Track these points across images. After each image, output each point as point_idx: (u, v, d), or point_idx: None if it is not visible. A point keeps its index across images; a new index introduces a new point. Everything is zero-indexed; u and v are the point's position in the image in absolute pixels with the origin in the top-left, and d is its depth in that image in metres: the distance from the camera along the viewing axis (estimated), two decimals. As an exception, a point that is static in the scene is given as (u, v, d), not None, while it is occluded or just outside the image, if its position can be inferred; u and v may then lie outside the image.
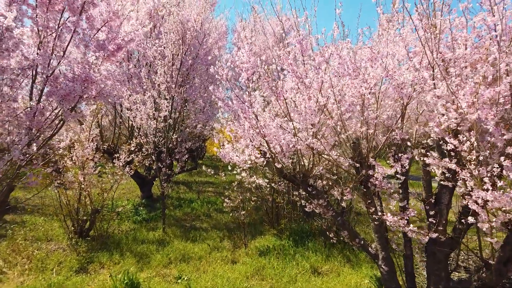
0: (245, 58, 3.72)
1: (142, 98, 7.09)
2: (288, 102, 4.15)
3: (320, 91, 3.92)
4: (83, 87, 3.22)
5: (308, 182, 4.43)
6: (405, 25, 3.74)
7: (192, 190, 13.05)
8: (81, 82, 3.17)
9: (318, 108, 3.78)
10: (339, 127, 3.72)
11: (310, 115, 3.68)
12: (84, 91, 3.24)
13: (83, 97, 3.29)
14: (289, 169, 4.40)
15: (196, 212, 9.79)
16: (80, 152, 6.85)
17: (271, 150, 4.25)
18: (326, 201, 4.10)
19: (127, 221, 8.83)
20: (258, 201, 7.25)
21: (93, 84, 3.28)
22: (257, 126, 3.89)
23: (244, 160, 4.44)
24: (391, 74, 3.35)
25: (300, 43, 4.17)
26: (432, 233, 3.32)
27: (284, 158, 4.12)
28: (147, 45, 8.14)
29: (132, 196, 11.79)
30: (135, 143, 7.60)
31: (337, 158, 3.96)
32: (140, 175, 11.05)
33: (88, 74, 3.21)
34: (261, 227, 8.20)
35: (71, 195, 7.27)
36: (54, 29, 3.75)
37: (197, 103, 10.52)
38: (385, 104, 3.85)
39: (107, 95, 3.62)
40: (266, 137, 4.03)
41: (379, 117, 3.64)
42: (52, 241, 7.41)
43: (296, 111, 3.81)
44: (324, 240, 6.81)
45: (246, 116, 3.90)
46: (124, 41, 4.07)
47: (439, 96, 3.04)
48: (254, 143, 4.22)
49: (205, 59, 10.16)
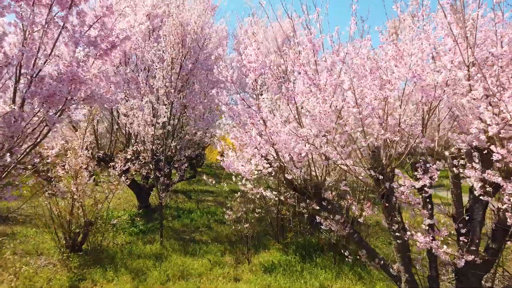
0: (253, 57, 3.34)
1: (139, 104, 6.69)
2: (299, 106, 3.76)
3: (333, 94, 3.53)
4: (70, 87, 2.82)
5: (321, 195, 4.01)
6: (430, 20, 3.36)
7: (191, 200, 12.59)
8: (67, 81, 2.78)
9: (334, 113, 3.39)
10: (359, 134, 3.32)
11: (325, 120, 3.29)
12: (72, 92, 2.84)
13: (71, 99, 2.88)
14: (299, 180, 3.99)
15: (196, 223, 9.33)
16: (73, 161, 6.42)
17: (281, 160, 3.84)
18: (344, 217, 3.68)
19: (123, 233, 8.37)
20: (262, 213, 6.82)
21: (82, 84, 2.88)
22: (266, 133, 3.49)
23: (251, 170, 4.03)
24: (419, 75, 2.96)
25: (312, 42, 3.80)
26: (468, 255, 2.90)
27: (295, 168, 3.72)
28: (145, 48, 7.78)
29: (129, 206, 11.33)
30: (132, 150, 7.18)
31: (355, 168, 3.56)
32: (138, 184, 10.61)
33: (75, 72, 2.81)
34: (264, 239, 7.75)
35: (63, 206, 6.82)
36: (41, 25, 3.38)
37: (197, 109, 10.14)
38: (408, 108, 3.46)
39: (99, 98, 3.22)
40: (275, 145, 3.63)
41: (403, 123, 3.24)
42: (43, 255, 6.95)
43: (310, 116, 3.41)
44: (333, 255, 6.37)
45: (253, 122, 3.51)
46: (119, 39, 3.68)
47: (477, 98, 2.65)
48: (262, 152, 3.81)
49: (205, 64, 9.80)
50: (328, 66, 3.70)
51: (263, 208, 6.86)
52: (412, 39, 3.27)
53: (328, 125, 3.29)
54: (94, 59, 3.61)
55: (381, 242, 7.89)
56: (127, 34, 3.71)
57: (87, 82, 2.92)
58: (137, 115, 6.59)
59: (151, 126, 6.82)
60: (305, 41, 3.83)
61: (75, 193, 6.51)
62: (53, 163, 6.70)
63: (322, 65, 3.97)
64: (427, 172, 3.06)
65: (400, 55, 3.07)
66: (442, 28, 3.27)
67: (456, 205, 3.58)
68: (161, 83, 6.71)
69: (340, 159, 3.40)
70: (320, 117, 3.34)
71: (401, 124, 3.30)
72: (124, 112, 6.91)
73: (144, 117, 6.83)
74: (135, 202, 11.32)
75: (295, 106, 3.59)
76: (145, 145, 7.12)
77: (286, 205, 6.90)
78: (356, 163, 3.62)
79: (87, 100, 3.13)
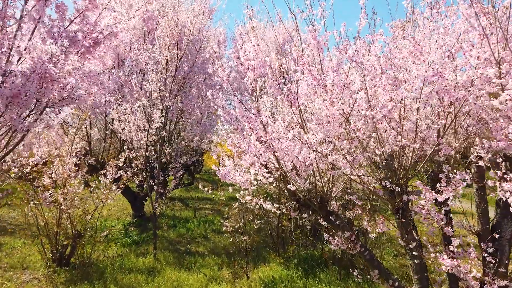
0: (251, 54, 2.96)
1: (132, 108, 6.31)
2: (302, 109, 3.38)
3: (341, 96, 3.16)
4: (40, 86, 2.44)
5: (327, 208, 3.62)
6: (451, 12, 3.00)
7: (189, 207, 12.18)
8: (37, 79, 2.39)
9: (342, 116, 3.01)
10: (372, 140, 2.94)
11: (333, 125, 2.91)
12: (42, 92, 2.46)
13: (42, 100, 2.50)
14: (303, 191, 3.60)
15: (192, 234, 8.91)
16: (60, 169, 6.03)
17: (282, 169, 3.46)
18: (354, 233, 3.28)
19: (115, 244, 7.94)
20: (261, 224, 6.40)
21: (54, 83, 2.50)
22: (266, 139, 3.11)
23: (249, 180, 3.64)
24: (441, 73, 2.59)
25: (316, 39, 3.43)
26: (500, 281, 2.50)
27: (298, 178, 3.33)
28: (139, 50, 7.43)
29: (123, 215, 10.91)
30: (124, 157, 6.78)
31: (367, 179, 3.17)
32: (132, 192, 10.21)
33: (47, 69, 2.43)
34: (264, 251, 7.33)
35: (50, 216, 6.40)
36: (15, 19, 3.01)
37: (194, 114, 9.77)
38: (426, 112, 3.09)
39: (77, 99, 2.83)
40: (277, 152, 3.24)
41: (419, 128, 2.86)
42: (28, 270, 6.51)
43: (315, 120, 3.04)
44: (338, 270, 5.94)
45: (252, 127, 3.13)
46: (103, 35, 3.31)
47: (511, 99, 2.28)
48: (262, 160, 3.43)
49: (203, 67, 9.46)
50: (335, 66, 3.33)
51: (262, 218, 6.45)
52: (430, 34, 2.91)
53: (337, 130, 2.91)
54: (79, 57, 3.25)
55: (387, 254, 7.48)
56: (112, 30, 3.35)
57: (60, 80, 2.54)
58: (128, 119, 6.20)
59: (144, 131, 6.43)
60: (309, 38, 3.46)
61: (62, 203, 6.10)
62: (39, 170, 6.32)
63: (327, 64, 3.61)
64: (450, 183, 2.68)
65: (419, 50, 2.71)
66: (465, 20, 2.91)
67: (481, 220, 3.19)
68: (155, 86, 6.33)
69: (350, 169, 3.02)
70: (327, 121, 2.97)
71: (418, 129, 2.92)
72: (116, 117, 6.52)
73: (137, 122, 6.44)
74: (130, 210, 10.90)
75: (298, 109, 3.22)
76: (138, 152, 6.72)
77: (287, 215, 6.50)
78: (368, 173, 3.23)
79: (64, 102, 2.75)
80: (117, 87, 7.73)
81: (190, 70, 9.02)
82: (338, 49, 3.19)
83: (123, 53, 7.76)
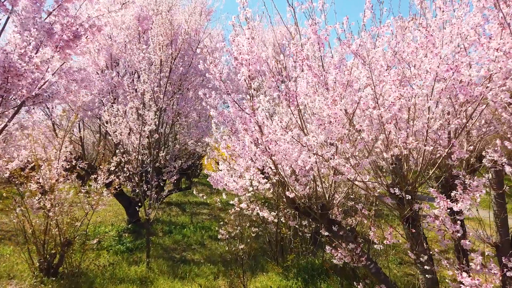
0: (245, 48, 2.68)
1: (123, 109, 6.03)
2: (302, 109, 3.11)
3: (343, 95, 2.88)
4: (4, 80, 2.16)
5: (329, 216, 3.33)
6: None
7: (186, 213, 11.87)
8: (0, 73, 2.11)
9: (346, 116, 2.73)
10: (380, 143, 2.66)
11: (336, 126, 2.63)
12: (6, 88, 2.17)
13: (6, 98, 2.22)
14: (303, 198, 3.31)
15: (188, 240, 8.60)
16: (48, 173, 5.74)
17: (280, 174, 3.17)
18: (359, 245, 2.98)
19: (108, 251, 7.63)
20: (259, 231, 6.09)
21: (21, 77, 2.22)
22: (262, 141, 2.82)
23: (244, 186, 3.35)
24: (456, 67, 2.31)
25: (316, 33, 3.16)
26: (526, 302, 2.21)
27: (297, 184, 3.04)
28: (132, 51, 7.17)
29: (118, 220, 10.61)
30: (116, 161, 6.49)
31: (371, 185, 2.88)
32: (127, 197, 9.91)
33: (11, 62, 2.15)
34: (262, 259, 7.01)
35: (38, 224, 6.10)
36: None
37: (191, 116, 9.50)
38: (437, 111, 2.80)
39: (51, 97, 2.55)
40: (274, 155, 2.96)
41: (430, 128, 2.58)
42: (15, 279, 6.21)
43: (316, 121, 2.75)
44: (340, 280, 5.62)
45: (246, 128, 2.84)
46: (83, 28, 3.04)
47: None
48: (258, 165, 3.14)
49: (199, 69, 9.20)
50: (336, 62, 3.06)
51: (260, 225, 6.14)
52: (443, 24, 2.63)
53: (340, 132, 2.62)
54: (55, 52, 2.97)
55: (391, 262, 7.16)
56: (93, 23, 3.07)
57: (27, 75, 2.26)
58: (119, 122, 5.91)
59: (137, 134, 6.15)
60: (309, 32, 3.19)
61: (50, 210, 5.80)
62: (27, 175, 6.03)
63: (329, 61, 3.34)
64: (466, 191, 2.39)
65: (432, 42, 2.43)
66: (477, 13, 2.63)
67: (500, 231, 2.90)
68: (147, 86, 6.05)
69: (354, 174, 2.73)
70: (329, 122, 2.68)
71: (429, 130, 2.64)
72: (107, 119, 6.24)
73: (129, 124, 6.16)
74: (125, 215, 10.60)
75: (297, 109, 2.94)
76: (130, 155, 6.43)
77: (286, 223, 6.20)
78: (373, 179, 2.95)
79: (35, 99, 2.47)
80: (110, 89, 7.46)
81: (186, 71, 8.76)
82: (341, 43, 2.92)
83: (116, 53, 7.49)
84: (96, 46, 7.35)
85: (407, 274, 6.56)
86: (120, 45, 7.49)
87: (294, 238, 6.22)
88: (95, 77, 7.51)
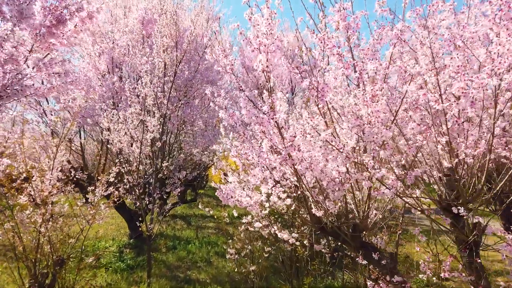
0: (264, 28, 2.15)
1: (124, 115, 5.54)
2: (331, 107, 2.56)
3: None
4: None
5: (362, 239, 2.74)
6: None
7: (191, 226, 11.29)
8: None
9: (391, 115, 2.17)
10: (440, 148, 2.08)
11: (379, 127, 2.06)
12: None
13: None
14: (330, 216, 2.73)
15: (193, 257, 8.00)
16: (39, 185, 5.23)
17: (304, 187, 2.60)
18: (407, 277, 2.39)
19: (107, 269, 7.07)
20: (272, 251, 5.48)
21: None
22: (283, 147, 2.27)
23: (259, 201, 2.78)
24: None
25: (346, 19, 2.64)
26: None
27: (328, 200, 2.47)
28: (135, 55, 6.73)
29: (120, 234, 10.07)
30: (115, 172, 5.96)
31: (414, 201, 2.30)
32: (129, 210, 9.36)
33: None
34: (274, 280, 6.38)
35: (29, 240, 5.56)
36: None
37: (197, 125, 8.99)
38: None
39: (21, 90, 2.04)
40: (297, 164, 2.39)
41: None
42: (3, 301, 5.66)
43: (352, 122, 2.20)
44: (364, 307, 4.96)
45: (264, 130, 2.29)
46: (69, 11, 2.54)
47: None
48: (277, 175, 2.58)
49: (206, 75, 8.74)
50: (371, 52, 2.52)
51: (273, 244, 5.51)
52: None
53: (384, 135, 2.06)
54: (35, 40, 2.48)
55: (416, 284, 6.47)
56: (81, 6, 2.58)
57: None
58: (118, 129, 5.40)
59: (138, 142, 5.63)
60: (336, 19, 2.67)
61: (41, 225, 5.27)
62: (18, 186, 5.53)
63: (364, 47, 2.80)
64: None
65: (509, 16, 1.87)
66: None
67: None
68: (149, 90, 5.55)
69: (401, 188, 2.15)
70: (369, 122, 2.13)
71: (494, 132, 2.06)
72: (106, 126, 5.75)
73: (130, 132, 5.65)
74: (127, 229, 10.05)
75: (327, 107, 2.39)
76: (131, 166, 5.91)
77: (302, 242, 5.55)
78: (423, 195, 2.37)
79: (2, 94, 1.96)
80: (111, 94, 7.00)
81: (193, 77, 8.29)
82: (379, 25, 2.38)
83: (118, 57, 7.05)
84: (97, 49, 6.93)
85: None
86: (123, 48, 7.06)
87: (312, 259, 5.56)
88: (95, 82, 7.08)
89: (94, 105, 7.13)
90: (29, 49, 2.54)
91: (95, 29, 7.33)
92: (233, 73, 2.51)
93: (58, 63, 2.44)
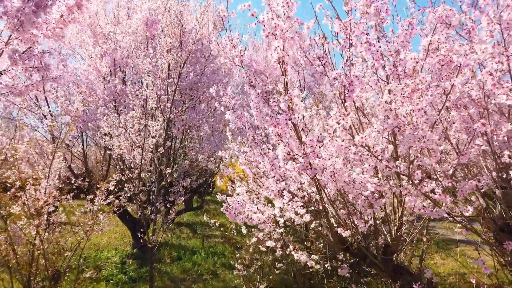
0: (281, 10, 1.76)
1: (124, 119, 5.19)
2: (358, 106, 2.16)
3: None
4: None
5: (393, 261, 2.31)
6: None
7: (197, 235, 10.88)
8: None
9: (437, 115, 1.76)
10: (508, 155, 1.66)
11: (424, 130, 1.65)
12: None
13: None
14: (356, 235, 2.31)
15: (199, 269, 7.59)
16: (34, 194, 4.88)
17: (326, 200, 2.19)
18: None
19: (108, 281, 6.70)
20: (283, 267, 5.03)
21: None
22: (304, 152, 1.86)
23: (272, 217, 2.37)
24: None
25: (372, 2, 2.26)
26: None
27: (356, 218, 2.05)
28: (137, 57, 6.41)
29: (123, 244, 9.70)
30: (115, 179, 5.60)
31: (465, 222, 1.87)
32: (133, 219, 8.99)
33: None
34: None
35: (23, 254, 5.21)
36: None
37: (203, 130, 8.62)
38: None
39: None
40: (320, 174, 1.99)
41: None
42: (-5, 319, 5.31)
43: (389, 122, 1.78)
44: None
45: (280, 133, 1.89)
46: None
47: None
48: (293, 187, 2.17)
49: (213, 78, 8.39)
50: (407, 36, 2.13)
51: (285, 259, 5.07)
52: None
53: (430, 137, 1.65)
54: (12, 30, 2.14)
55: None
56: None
57: None
58: (117, 134, 5.05)
59: (139, 148, 5.27)
60: (362, 2, 2.27)
61: (35, 237, 4.91)
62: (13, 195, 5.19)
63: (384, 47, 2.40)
64: None
65: None
66: None
67: None
68: (150, 91, 5.19)
69: (450, 203, 1.73)
70: (410, 123, 1.71)
71: None
72: (106, 131, 5.41)
73: (131, 137, 5.29)
74: (131, 238, 9.68)
75: (354, 106, 1.98)
76: (132, 173, 5.54)
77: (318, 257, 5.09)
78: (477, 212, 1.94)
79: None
80: (113, 97, 6.68)
81: (198, 80, 7.94)
82: (418, 7, 1.98)
83: (120, 59, 6.74)
84: (98, 51, 6.63)
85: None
86: (125, 49, 6.75)
87: (328, 277, 5.07)
88: (97, 85, 6.77)
89: (96, 109, 6.82)
90: (5, 41, 2.19)
91: (97, 30, 7.05)
92: (242, 66, 2.13)
93: (36, 55, 2.09)
